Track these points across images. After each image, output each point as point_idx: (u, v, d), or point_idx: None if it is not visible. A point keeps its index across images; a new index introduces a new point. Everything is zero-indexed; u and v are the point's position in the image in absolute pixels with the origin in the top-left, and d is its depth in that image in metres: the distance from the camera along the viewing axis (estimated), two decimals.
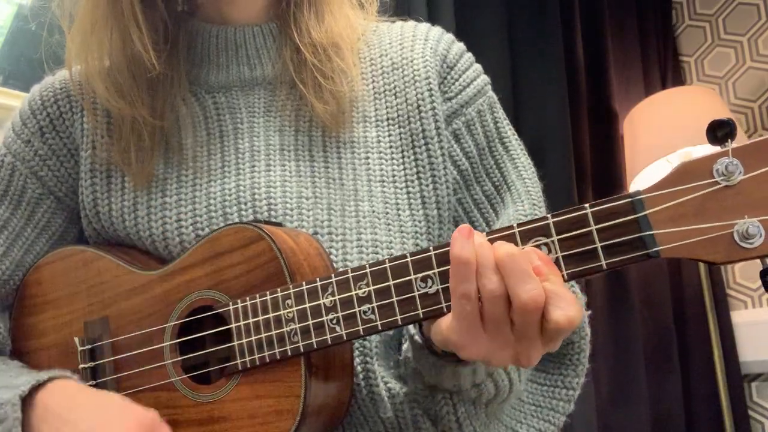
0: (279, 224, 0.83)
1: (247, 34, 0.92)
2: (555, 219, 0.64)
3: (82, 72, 0.92)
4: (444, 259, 0.66)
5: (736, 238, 0.58)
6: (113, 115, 0.91)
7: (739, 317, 2.35)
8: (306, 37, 0.89)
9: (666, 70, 2.60)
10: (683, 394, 2.30)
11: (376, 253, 0.84)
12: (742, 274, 2.42)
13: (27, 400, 0.75)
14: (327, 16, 0.91)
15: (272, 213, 0.85)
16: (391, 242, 0.86)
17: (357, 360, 0.81)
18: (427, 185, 0.89)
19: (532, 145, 0.97)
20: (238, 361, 0.75)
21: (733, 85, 2.54)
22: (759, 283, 2.33)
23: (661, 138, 2.17)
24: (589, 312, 0.92)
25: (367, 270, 0.70)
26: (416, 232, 0.87)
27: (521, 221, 0.90)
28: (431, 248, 0.68)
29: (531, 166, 0.94)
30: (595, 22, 2.48)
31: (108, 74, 0.89)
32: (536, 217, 0.86)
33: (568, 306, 0.61)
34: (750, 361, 2.30)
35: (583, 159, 2.29)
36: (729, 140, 0.59)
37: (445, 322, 0.67)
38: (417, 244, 0.87)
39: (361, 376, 0.82)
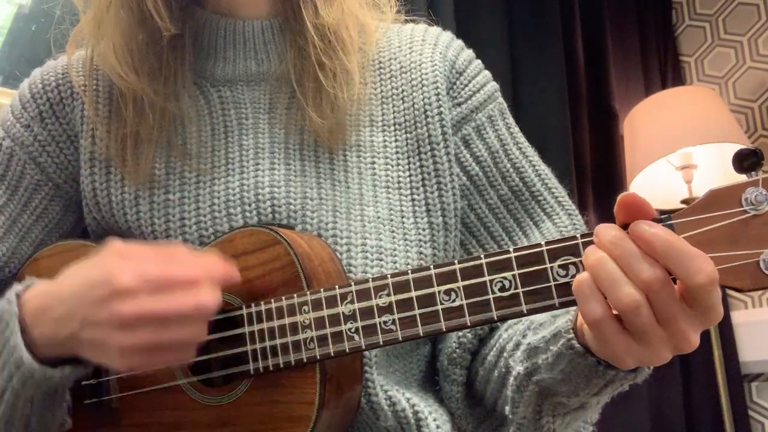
0: (292, 227, 0.81)
1: (256, 28, 0.91)
2: (585, 239, 0.63)
3: (87, 57, 0.91)
4: (468, 273, 0.66)
5: (762, 266, 0.59)
6: (115, 99, 0.88)
7: (739, 317, 2.35)
8: (313, 18, 0.86)
9: (666, 70, 2.60)
10: (683, 394, 2.30)
11: (380, 260, 0.83)
12: None
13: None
14: (336, 2, 0.89)
15: (276, 215, 0.84)
16: (395, 249, 0.85)
17: None
18: (432, 192, 0.88)
19: (532, 144, 0.97)
20: (251, 365, 0.73)
21: (733, 85, 2.54)
22: None
23: (661, 138, 2.17)
24: None
25: (389, 280, 0.69)
26: (420, 240, 0.86)
27: (567, 236, 0.89)
28: (456, 261, 0.67)
29: (552, 173, 0.94)
30: (595, 22, 2.48)
31: (120, 52, 0.87)
32: (576, 226, 0.87)
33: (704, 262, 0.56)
34: (750, 361, 2.30)
35: (583, 159, 2.29)
36: (757, 170, 0.60)
37: (589, 336, 0.63)
38: (421, 252, 0.86)
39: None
